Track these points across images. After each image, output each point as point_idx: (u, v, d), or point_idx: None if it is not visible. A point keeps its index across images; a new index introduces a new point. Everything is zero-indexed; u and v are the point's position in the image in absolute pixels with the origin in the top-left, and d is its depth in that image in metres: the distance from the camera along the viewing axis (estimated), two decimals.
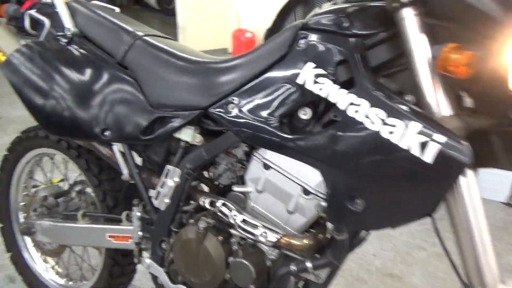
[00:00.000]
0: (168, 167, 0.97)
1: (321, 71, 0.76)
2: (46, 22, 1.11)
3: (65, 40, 1.09)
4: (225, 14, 4.85)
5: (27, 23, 1.14)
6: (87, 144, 1.15)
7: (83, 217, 1.17)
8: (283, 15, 2.79)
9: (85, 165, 1.21)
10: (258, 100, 0.85)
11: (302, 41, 0.81)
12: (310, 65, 0.78)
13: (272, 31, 2.87)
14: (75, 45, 1.08)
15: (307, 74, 0.78)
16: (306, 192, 0.83)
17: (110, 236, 1.11)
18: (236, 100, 0.88)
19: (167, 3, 7.80)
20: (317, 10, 0.86)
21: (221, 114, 0.89)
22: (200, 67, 0.96)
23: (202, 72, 0.95)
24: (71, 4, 1.13)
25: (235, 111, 0.87)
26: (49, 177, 1.48)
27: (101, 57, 1.05)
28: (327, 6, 0.85)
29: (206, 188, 1.08)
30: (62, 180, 1.47)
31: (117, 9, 1.36)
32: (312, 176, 0.82)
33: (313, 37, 0.80)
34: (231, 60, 0.93)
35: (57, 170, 1.46)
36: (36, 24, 1.16)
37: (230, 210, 0.90)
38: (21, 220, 1.44)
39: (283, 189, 0.86)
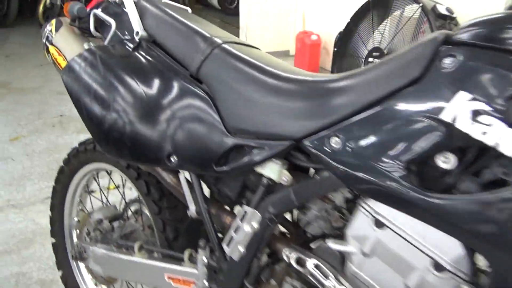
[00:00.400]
0: (246, 208, 0.78)
1: (483, 106, 0.53)
2: (113, 23, 0.96)
3: (132, 45, 0.94)
4: (289, 15, 4.65)
5: (91, 24, 1.01)
6: (148, 168, 0.99)
7: (140, 250, 1.01)
8: (358, 18, 2.53)
9: (144, 189, 1.05)
10: (375, 136, 0.63)
11: (448, 61, 0.58)
12: (464, 95, 0.55)
13: (344, 35, 2.62)
14: (142, 51, 0.92)
15: (460, 109, 0.55)
16: (439, 267, 0.60)
17: (169, 278, 0.94)
18: (342, 133, 0.66)
19: (228, 3, 7.75)
20: (466, 22, 0.62)
21: (319, 149, 0.68)
22: (294, 87, 0.76)
23: (297, 93, 0.75)
24: (141, 3, 0.97)
25: (339, 147, 0.66)
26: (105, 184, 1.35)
27: (171, 67, 0.88)
28: (483, 15, 0.61)
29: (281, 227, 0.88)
30: (118, 187, 1.34)
31: (189, 10, 1.20)
32: (449, 246, 0.59)
33: (468, 56, 0.56)
34: (338, 80, 0.71)
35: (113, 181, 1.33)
36: (102, 25, 1.02)
37: (326, 276, 0.69)
38: (74, 239, 1.32)
39: (402, 257, 0.64)
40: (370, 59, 2.47)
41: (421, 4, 2.33)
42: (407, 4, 2.45)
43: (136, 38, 0.92)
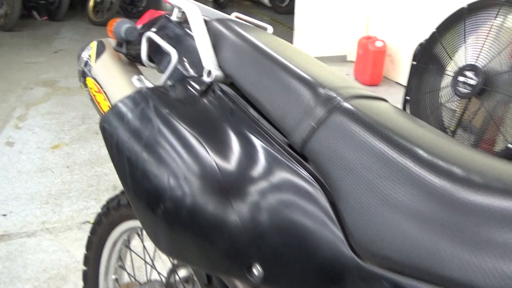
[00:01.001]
0: None
1: None
2: (173, 54, 0.67)
3: (200, 88, 0.65)
4: (350, 19, 4.26)
5: (144, 52, 0.72)
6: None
7: None
8: (447, 27, 2.12)
9: (205, 279, 0.77)
10: None
11: None
12: None
13: (427, 47, 2.22)
14: (215, 99, 0.63)
15: None
16: None
17: None
18: None
19: (280, 1, 7.42)
20: None
21: None
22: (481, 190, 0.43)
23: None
24: (214, 27, 0.68)
25: None
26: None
27: (259, 130, 0.59)
28: None
29: None
30: None
31: (269, 29, 0.90)
32: None
33: None
34: None
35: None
36: (157, 51, 0.74)
37: None
38: None
39: None
40: (461, 78, 2.07)
41: None
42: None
43: (207, 79, 0.63)
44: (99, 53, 0.78)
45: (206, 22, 0.68)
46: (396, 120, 0.55)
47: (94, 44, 0.80)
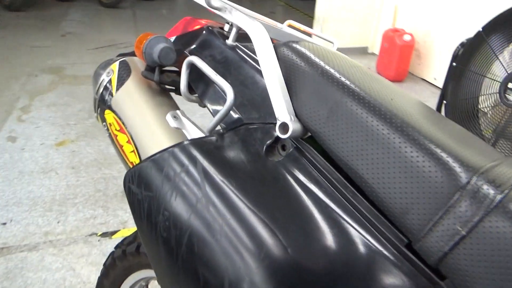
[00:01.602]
0: None
1: None
2: (228, 92, 0.47)
3: (264, 140, 0.45)
4: (374, 9, 4.00)
5: (184, 81, 0.52)
6: None
7: None
8: (495, 28, 1.89)
9: None
10: None
11: None
12: None
13: (470, 48, 1.98)
14: (289, 161, 0.44)
15: None
16: None
17: None
18: None
19: None
20: None
21: None
22: None
23: None
24: (281, 53, 0.48)
25: None
26: None
27: (361, 219, 0.39)
28: None
29: None
30: None
31: (335, 43, 0.70)
32: None
33: None
34: None
35: None
36: (199, 78, 0.54)
37: None
38: None
39: None
40: (511, 85, 1.85)
41: None
42: None
43: (281, 135, 0.43)
44: (122, 78, 0.58)
45: (276, 47, 0.48)
46: None
47: (116, 66, 0.60)
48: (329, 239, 0.41)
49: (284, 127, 0.43)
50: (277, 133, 0.43)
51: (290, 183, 0.44)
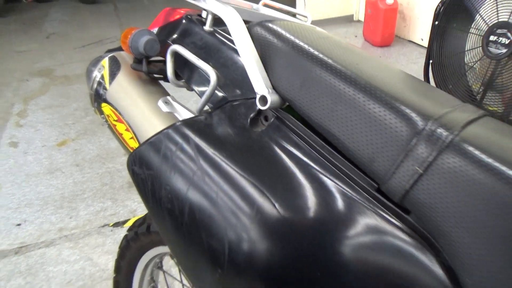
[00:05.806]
0: None
1: None
2: (211, 74, 0.53)
3: (248, 114, 0.51)
4: None
5: (170, 69, 0.58)
6: None
7: None
8: None
9: None
10: None
11: None
12: None
13: (450, 5, 2.03)
14: (271, 130, 0.50)
15: None
16: None
17: None
18: None
19: None
20: None
21: None
22: None
23: None
24: (255, 33, 0.53)
25: None
26: None
27: (337, 172, 0.45)
28: None
29: None
30: None
31: (308, 17, 0.75)
32: None
33: None
34: None
35: None
36: (184, 65, 0.60)
37: None
38: None
39: None
40: (493, 38, 1.89)
41: None
42: None
43: (261, 107, 0.49)
44: (113, 72, 0.64)
45: (249, 29, 0.53)
46: None
47: (106, 62, 0.65)
48: (311, 192, 0.47)
49: (264, 99, 0.49)
50: (258, 105, 0.49)
51: (274, 149, 0.50)
